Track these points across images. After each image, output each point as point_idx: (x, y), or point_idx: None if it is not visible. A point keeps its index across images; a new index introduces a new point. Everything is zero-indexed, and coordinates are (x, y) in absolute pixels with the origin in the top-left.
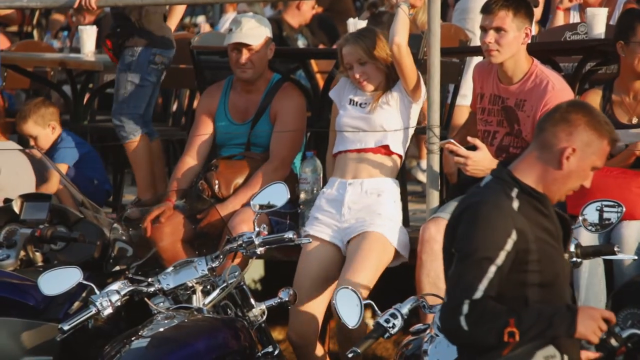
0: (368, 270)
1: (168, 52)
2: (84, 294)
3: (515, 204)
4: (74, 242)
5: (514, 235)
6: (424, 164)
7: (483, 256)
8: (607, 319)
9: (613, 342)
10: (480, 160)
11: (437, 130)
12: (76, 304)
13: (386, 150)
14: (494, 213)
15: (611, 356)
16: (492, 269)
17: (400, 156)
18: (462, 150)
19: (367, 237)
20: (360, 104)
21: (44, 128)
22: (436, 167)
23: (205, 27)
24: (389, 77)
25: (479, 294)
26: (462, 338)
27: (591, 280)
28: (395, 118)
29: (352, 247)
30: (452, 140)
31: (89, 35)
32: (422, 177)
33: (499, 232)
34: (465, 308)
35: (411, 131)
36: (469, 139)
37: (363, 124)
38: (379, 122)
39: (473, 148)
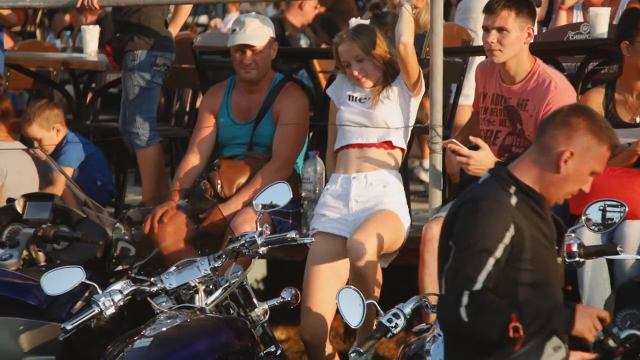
0: (382, 229)
1: (169, 55)
2: (86, 294)
3: (514, 200)
4: (77, 241)
5: (512, 230)
6: (426, 163)
7: (482, 248)
8: (602, 317)
9: (611, 342)
10: (483, 160)
11: (439, 130)
12: (79, 304)
13: (389, 145)
14: (493, 207)
15: (609, 357)
16: (491, 261)
17: (402, 150)
18: (464, 149)
19: (380, 212)
20: (360, 99)
21: (49, 131)
22: (439, 167)
23: (218, 23)
24: (387, 73)
25: (478, 285)
26: (462, 330)
27: (595, 279)
28: (397, 112)
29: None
30: (454, 140)
31: (91, 35)
32: (425, 176)
33: (498, 225)
34: (465, 299)
35: (409, 124)
36: (471, 138)
37: (365, 119)
38: (381, 117)
39: (475, 148)
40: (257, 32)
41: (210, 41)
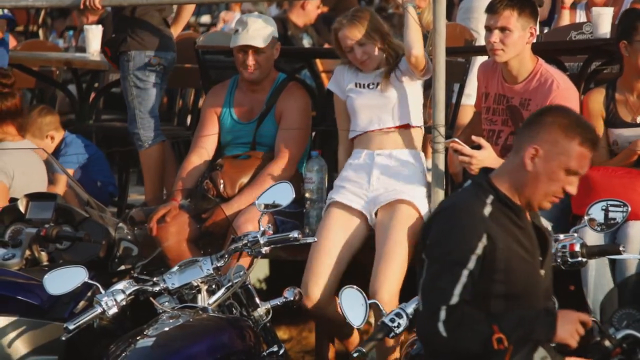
0: (402, 249)
1: (165, 54)
2: (89, 294)
3: (487, 210)
4: (79, 241)
5: (484, 240)
6: (429, 163)
7: (455, 260)
8: (583, 322)
9: (607, 343)
10: (485, 159)
11: (442, 130)
12: (81, 304)
13: (407, 126)
14: (465, 217)
15: (606, 358)
16: (465, 273)
17: (421, 128)
18: (466, 149)
19: (398, 209)
20: (368, 85)
21: (42, 139)
22: (441, 167)
23: (229, 17)
24: (389, 55)
25: (455, 299)
26: (441, 345)
27: (599, 280)
28: (409, 93)
29: (382, 219)
30: (456, 140)
31: (94, 35)
32: (427, 176)
33: (470, 236)
34: (443, 314)
35: (420, 103)
36: (474, 138)
37: (379, 103)
38: (395, 99)
39: (478, 147)
40: (260, 33)
41: (212, 41)
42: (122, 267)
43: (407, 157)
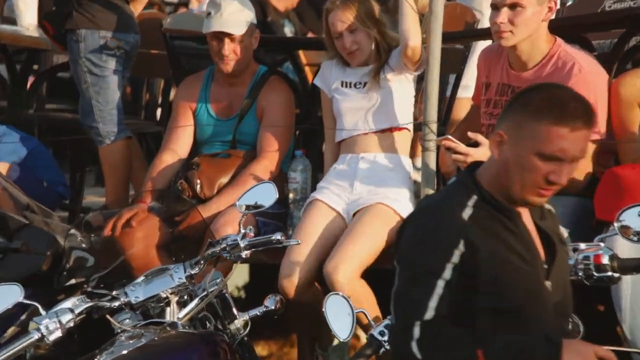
0: (369, 237)
1: (125, 36)
2: (23, 317)
3: (467, 213)
4: (15, 252)
5: (461, 247)
6: (418, 162)
7: (428, 270)
8: (602, 358)
9: None
10: (482, 158)
11: (434, 127)
12: (10, 330)
13: (395, 128)
14: (439, 220)
15: None
16: (440, 284)
17: (409, 130)
18: (461, 146)
19: (375, 208)
20: (355, 84)
21: None
22: (432, 166)
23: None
24: (380, 47)
25: (430, 313)
26: None
27: (637, 300)
28: (398, 93)
29: (357, 216)
30: (449, 137)
31: (26, 4)
32: (417, 176)
33: (445, 243)
34: (417, 331)
35: (410, 103)
36: (470, 134)
37: (365, 105)
38: (384, 101)
39: (475, 145)
40: (236, 17)
41: (181, 23)
42: (73, 281)
43: (392, 160)
